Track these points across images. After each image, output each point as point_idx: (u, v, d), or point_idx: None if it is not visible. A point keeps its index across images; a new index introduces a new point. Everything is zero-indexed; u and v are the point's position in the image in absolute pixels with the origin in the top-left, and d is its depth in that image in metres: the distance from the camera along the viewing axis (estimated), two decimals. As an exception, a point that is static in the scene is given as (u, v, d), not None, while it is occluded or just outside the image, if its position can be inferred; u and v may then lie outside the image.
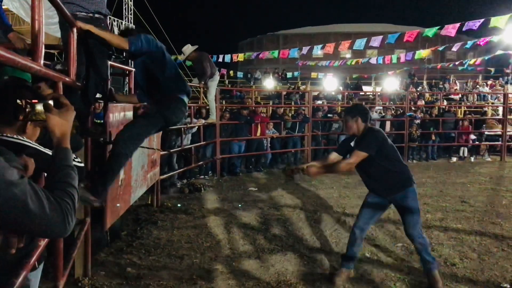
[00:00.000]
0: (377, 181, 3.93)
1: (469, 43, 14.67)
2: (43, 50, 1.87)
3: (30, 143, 1.69)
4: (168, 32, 19.25)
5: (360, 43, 13.84)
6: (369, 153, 3.68)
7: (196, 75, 8.77)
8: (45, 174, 1.82)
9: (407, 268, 4.19)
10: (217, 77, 8.66)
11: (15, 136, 1.63)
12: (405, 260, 4.40)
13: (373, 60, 19.57)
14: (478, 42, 14.11)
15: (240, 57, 18.43)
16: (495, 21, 10.64)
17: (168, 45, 19.03)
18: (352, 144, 3.96)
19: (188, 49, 8.14)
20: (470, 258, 4.44)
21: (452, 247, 4.79)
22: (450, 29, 11.44)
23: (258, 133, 10.28)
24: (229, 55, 17.72)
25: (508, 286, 3.79)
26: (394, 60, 17.82)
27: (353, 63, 20.46)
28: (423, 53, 16.44)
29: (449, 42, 19.59)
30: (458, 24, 11.38)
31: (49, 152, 1.66)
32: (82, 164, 1.77)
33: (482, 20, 10.92)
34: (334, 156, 4.01)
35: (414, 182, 4.01)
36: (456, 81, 20.80)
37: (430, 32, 12.20)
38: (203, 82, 8.51)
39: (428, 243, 3.89)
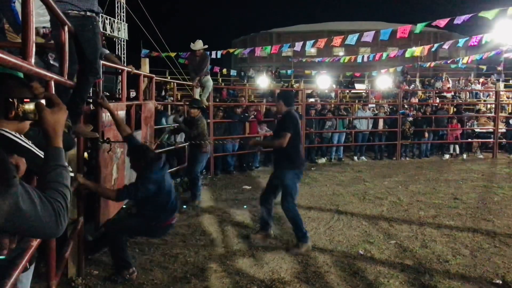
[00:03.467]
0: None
1: (461, 41, 14.71)
2: (34, 49, 1.85)
3: (26, 143, 1.67)
4: (160, 30, 19.21)
5: (352, 38, 13.86)
6: (291, 133, 4.59)
7: (193, 71, 8.83)
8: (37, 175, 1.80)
9: (400, 265, 4.21)
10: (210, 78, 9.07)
11: (12, 133, 1.61)
12: (398, 257, 4.43)
13: (365, 58, 19.55)
14: (470, 43, 14.15)
15: (232, 51, 18.33)
16: (485, 13, 10.71)
17: (161, 43, 18.99)
18: None
19: (199, 44, 8.61)
20: (462, 255, 4.47)
21: (445, 243, 4.83)
22: (440, 22, 11.51)
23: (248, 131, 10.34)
24: (221, 51, 17.63)
25: (500, 282, 3.82)
26: (384, 57, 17.85)
27: (345, 60, 20.47)
28: (416, 51, 16.45)
29: (442, 41, 19.68)
30: (448, 19, 11.44)
31: (41, 154, 1.64)
32: (72, 174, 1.75)
33: (472, 14, 10.99)
34: None
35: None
36: (449, 79, 20.93)
37: (421, 26, 12.24)
38: (197, 80, 8.63)
39: (296, 219, 4.67)
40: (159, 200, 3.88)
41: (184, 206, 6.30)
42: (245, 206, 6.43)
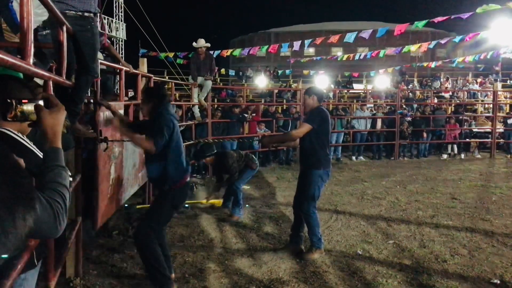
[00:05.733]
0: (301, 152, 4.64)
1: (458, 38, 14.79)
2: (32, 49, 1.85)
3: (29, 143, 1.67)
4: (158, 30, 19.18)
5: (350, 37, 13.92)
6: (312, 126, 4.31)
7: (196, 70, 8.86)
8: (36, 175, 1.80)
9: (398, 264, 4.22)
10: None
11: (15, 132, 1.61)
12: (396, 257, 4.43)
13: (362, 55, 19.53)
14: (466, 38, 14.24)
15: (229, 52, 18.26)
16: (481, 10, 10.77)
17: (159, 43, 18.96)
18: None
19: (201, 42, 8.68)
20: (460, 254, 4.48)
21: (443, 243, 4.84)
22: (439, 19, 11.61)
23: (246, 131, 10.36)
24: (219, 51, 17.54)
25: (498, 281, 3.83)
26: (382, 55, 17.86)
27: (344, 58, 20.45)
28: (414, 48, 16.45)
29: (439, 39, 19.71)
30: (447, 17, 11.53)
31: (41, 155, 1.64)
32: (71, 179, 1.75)
33: (470, 13, 11.07)
34: None
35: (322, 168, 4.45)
36: (450, 79, 21.00)
37: (421, 24, 12.29)
38: (197, 82, 8.77)
39: (314, 224, 4.41)
40: (175, 148, 3.61)
41: (186, 206, 6.30)
42: (247, 205, 6.40)
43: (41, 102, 1.46)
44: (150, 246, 3.48)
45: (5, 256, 1.19)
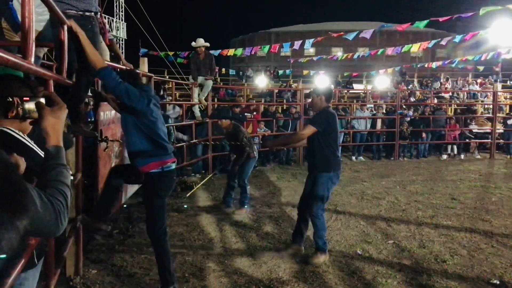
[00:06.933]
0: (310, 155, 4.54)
1: (458, 37, 14.81)
2: (34, 48, 1.85)
3: (29, 141, 1.67)
4: (159, 30, 19.19)
5: (350, 35, 13.98)
6: (317, 129, 4.25)
7: (196, 70, 8.87)
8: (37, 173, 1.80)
9: (398, 265, 4.22)
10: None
11: (16, 131, 1.61)
12: (396, 257, 4.44)
13: (362, 55, 19.51)
14: (466, 38, 14.27)
15: (231, 52, 18.20)
16: (484, 10, 10.81)
17: (159, 43, 18.96)
18: None
19: (200, 41, 8.68)
20: (460, 255, 4.49)
21: (443, 243, 4.84)
22: (440, 19, 11.67)
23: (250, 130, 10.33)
24: (219, 50, 17.49)
25: (498, 282, 3.84)
26: (380, 53, 17.89)
27: (343, 58, 20.44)
28: (413, 48, 16.45)
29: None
30: (449, 17, 11.59)
31: (42, 153, 1.64)
32: (72, 177, 1.76)
33: (472, 13, 11.12)
34: None
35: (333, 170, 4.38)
36: (450, 79, 21.01)
37: (423, 24, 12.32)
38: (197, 81, 8.79)
39: (321, 227, 4.36)
40: (150, 125, 3.38)
41: (185, 206, 6.30)
42: (245, 206, 6.40)
43: (42, 100, 1.47)
44: (164, 246, 3.48)
45: (3, 256, 1.19)
